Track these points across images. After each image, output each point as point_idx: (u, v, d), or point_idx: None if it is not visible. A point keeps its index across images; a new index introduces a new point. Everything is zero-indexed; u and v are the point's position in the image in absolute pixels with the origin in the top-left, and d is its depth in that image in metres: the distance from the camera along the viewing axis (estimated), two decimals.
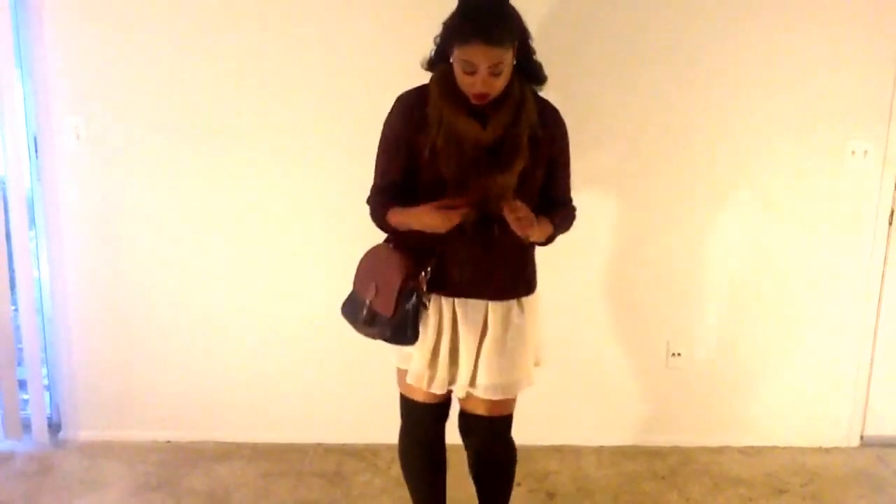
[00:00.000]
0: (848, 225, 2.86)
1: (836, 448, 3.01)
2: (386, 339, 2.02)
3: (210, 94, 2.73)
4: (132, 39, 2.70)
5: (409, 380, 2.04)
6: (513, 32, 1.82)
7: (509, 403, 2.08)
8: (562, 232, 2.08)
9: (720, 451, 2.97)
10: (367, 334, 2.06)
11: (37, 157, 2.79)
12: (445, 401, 2.13)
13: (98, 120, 2.75)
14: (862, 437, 3.04)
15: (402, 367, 2.08)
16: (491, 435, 2.12)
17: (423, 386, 2.02)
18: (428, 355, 2.00)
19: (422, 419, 2.15)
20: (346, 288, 2.11)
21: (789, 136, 2.78)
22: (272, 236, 2.84)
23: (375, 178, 2.02)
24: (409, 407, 2.15)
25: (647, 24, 2.69)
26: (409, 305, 1.93)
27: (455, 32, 1.81)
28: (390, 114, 1.99)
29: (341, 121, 2.73)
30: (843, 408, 3.00)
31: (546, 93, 2.02)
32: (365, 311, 2.02)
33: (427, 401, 2.10)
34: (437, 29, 1.90)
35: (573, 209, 2.12)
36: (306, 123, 2.75)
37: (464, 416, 2.12)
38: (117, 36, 2.70)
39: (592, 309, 2.90)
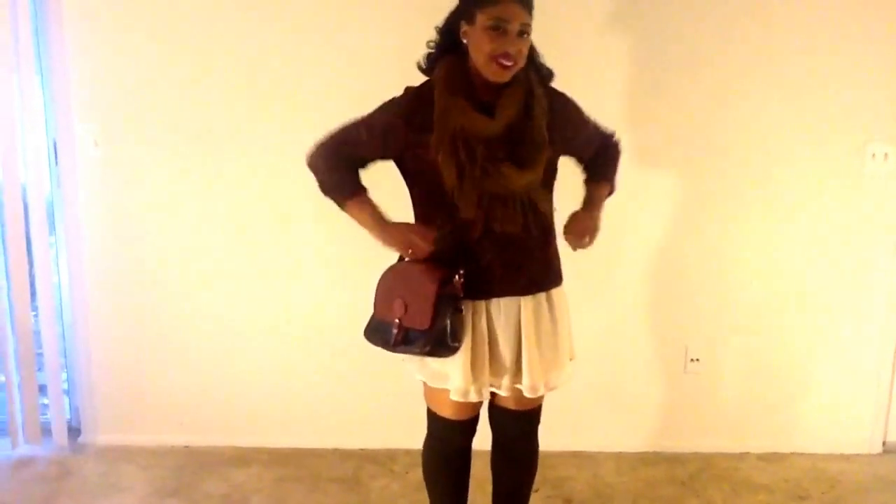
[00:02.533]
0: (869, 229, 2.83)
1: (858, 455, 2.97)
2: (426, 354, 1.90)
3: (226, 100, 2.75)
4: (149, 48, 2.72)
5: (454, 396, 1.93)
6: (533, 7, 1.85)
7: (538, 398, 2.04)
8: (615, 173, 2.15)
9: (740, 457, 2.94)
10: (402, 352, 1.95)
11: (56, 163, 2.82)
12: (474, 415, 2.08)
13: (116, 126, 2.78)
14: (884, 444, 3.00)
15: (435, 385, 1.98)
16: (518, 429, 2.11)
17: (471, 398, 1.93)
18: (469, 369, 1.91)
19: (449, 435, 2.10)
20: (365, 292, 2.10)
21: (809, 139, 2.76)
22: (290, 241, 2.85)
23: (341, 137, 1.95)
24: (437, 422, 2.08)
25: (665, 31, 2.68)
26: (448, 314, 1.85)
27: None
28: (393, 102, 1.92)
29: None
30: (865, 414, 2.97)
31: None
32: (395, 331, 1.91)
33: (457, 417, 2.03)
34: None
35: (614, 142, 2.15)
36: (324, 129, 2.76)
37: (493, 407, 2.09)
38: (135, 44, 2.72)
39: (610, 315, 2.89)
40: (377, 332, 1.98)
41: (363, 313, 2.12)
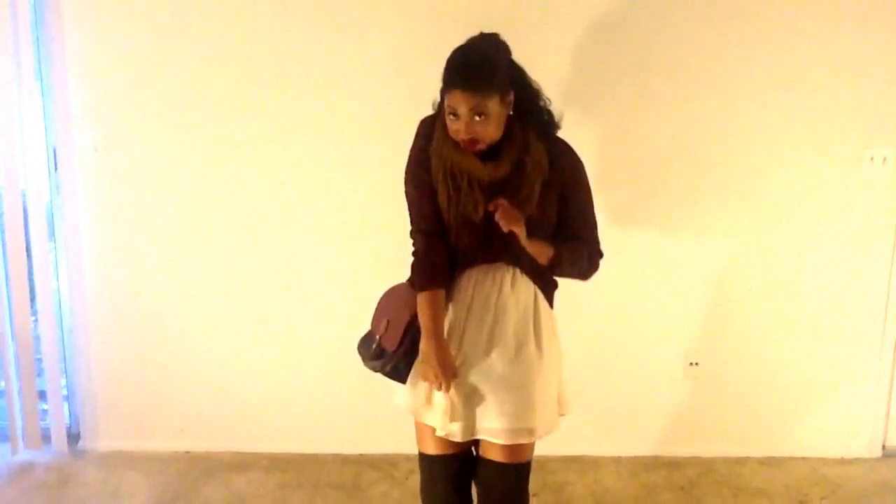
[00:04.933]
0: (867, 232, 2.83)
1: (858, 459, 2.98)
2: (385, 374, 2.03)
3: (227, 106, 2.75)
4: (148, 55, 2.73)
5: (401, 405, 1.99)
6: (498, 81, 1.81)
7: (524, 449, 1.92)
8: (569, 266, 1.95)
9: (740, 461, 2.94)
10: (371, 367, 2.06)
11: (56, 169, 2.82)
12: (458, 453, 1.96)
13: (116, 132, 2.78)
14: (884, 448, 3.00)
15: (415, 416, 1.98)
16: (504, 486, 1.95)
17: (407, 406, 1.96)
18: (425, 388, 1.93)
19: (437, 474, 1.99)
20: (364, 300, 2.12)
21: (807, 143, 2.77)
22: (291, 248, 2.85)
23: (413, 217, 1.98)
24: (424, 462, 2.01)
25: (663, 33, 2.68)
26: (410, 343, 1.95)
27: (443, 82, 1.85)
28: (414, 142, 1.98)
29: (365, 139, 2.73)
30: (865, 418, 2.97)
31: (562, 104, 2.00)
32: (374, 346, 2.03)
33: (440, 452, 1.95)
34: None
35: (592, 247, 1.99)
36: (328, 136, 2.76)
37: (478, 461, 1.99)
38: (134, 51, 2.72)
39: (609, 319, 2.89)
40: (363, 344, 2.10)
41: (363, 320, 2.13)
